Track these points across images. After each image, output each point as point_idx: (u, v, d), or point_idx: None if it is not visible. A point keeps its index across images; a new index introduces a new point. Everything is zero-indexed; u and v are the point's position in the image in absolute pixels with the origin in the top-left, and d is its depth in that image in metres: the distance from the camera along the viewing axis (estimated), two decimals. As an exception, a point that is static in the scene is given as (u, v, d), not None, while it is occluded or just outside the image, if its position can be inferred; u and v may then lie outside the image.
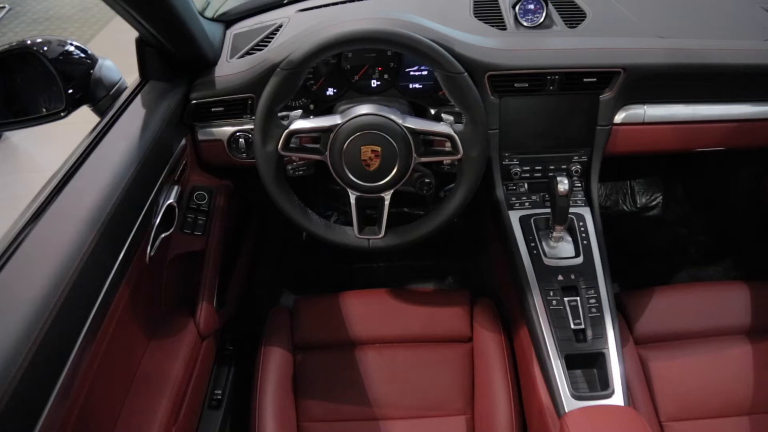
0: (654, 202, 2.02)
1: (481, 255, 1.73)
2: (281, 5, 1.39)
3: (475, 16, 1.26)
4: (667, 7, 1.36)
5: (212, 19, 1.32)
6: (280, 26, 1.29)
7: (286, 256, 1.89)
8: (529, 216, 1.22)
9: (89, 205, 0.84)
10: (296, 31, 1.20)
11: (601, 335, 1.09)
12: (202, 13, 1.30)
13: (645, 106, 1.22)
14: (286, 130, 1.03)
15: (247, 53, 1.23)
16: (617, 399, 1.04)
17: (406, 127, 1.02)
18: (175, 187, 1.10)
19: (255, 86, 1.14)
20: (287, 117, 1.08)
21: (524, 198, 1.25)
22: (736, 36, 1.27)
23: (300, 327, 1.29)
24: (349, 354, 1.26)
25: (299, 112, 1.10)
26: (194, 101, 1.17)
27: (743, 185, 1.77)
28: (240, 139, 1.20)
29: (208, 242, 1.25)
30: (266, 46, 1.23)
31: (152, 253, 1.00)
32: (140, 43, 1.10)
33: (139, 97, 1.11)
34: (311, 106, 1.25)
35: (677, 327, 1.26)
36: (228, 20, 1.36)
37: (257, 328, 1.31)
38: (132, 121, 1.05)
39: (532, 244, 1.18)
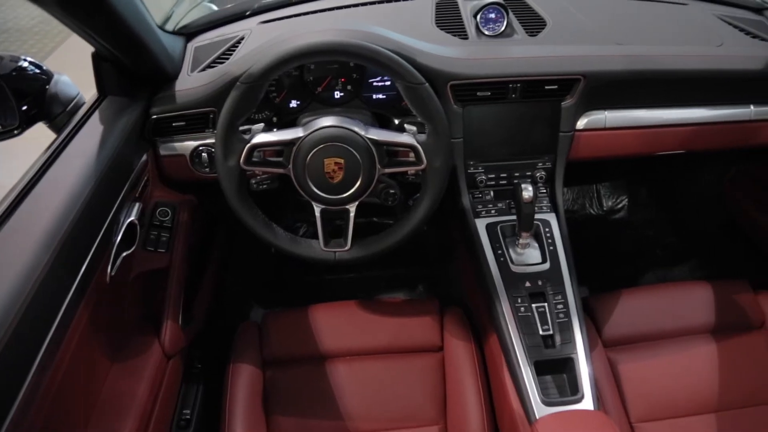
0: (620, 205, 2.05)
1: (450, 263, 1.73)
2: (243, 17, 1.38)
3: (437, 26, 1.26)
4: (625, 15, 1.39)
5: (172, 33, 1.30)
6: (242, 39, 1.27)
7: (254, 270, 1.87)
8: (496, 223, 1.22)
9: (44, 225, 0.82)
10: (258, 44, 1.18)
11: (569, 340, 1.10)
12: (162, 27, 1.28)
13: (606, 112, 1.23)
14: (248, 144, 1.02)
15: (209, 66, 1.22)
16: (587, 403, 1.04)
17: (369, 139, 1.01)
18: (137, 204, 1.08)
19: (216, 100, 1.12)
20: (249, 131, 1.07)
21: (490, 205, 1.25)
22: (691, 42, 1.30)
23: (269, 342, 1.27)
24: (319, 368, 1.24)
25: (261, 125, 1.08)
26: (154, 116, 1.15)
27: (705, 187, 1.82)
28: (203, 154, 1.19)
29: (172, 259, 1.23)
30: (228, 58, 1.22)
31: (113, 273, 0.98)
32: (96, 58, 1.08)
33: (96, 113, 1.09)
34: (274, 119, 1.24)
35: (644, 328, 1.27)
36: (189, 33, 1.34)
37: (226, 345, 1.28)
38: (89, 138, 1.02)
39: (499, 252, 1.19)
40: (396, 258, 1.84)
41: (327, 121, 1.02)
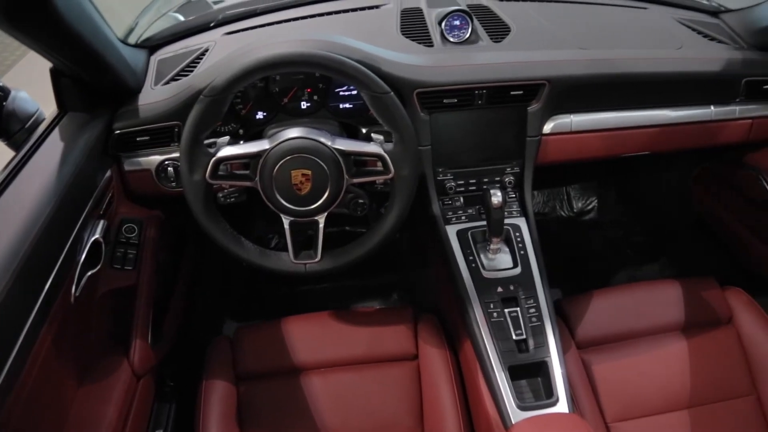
0: (590, 207, 2.08)
1: (423, 270, 1.73)
2: (207, 29, 1.36)
3: (403, 34, 1.27)
4: (588, 20, 1.41)
5: (135, 46, 1.28)
6: (207, 50, 1.26)
7: (227, 284, 1.84)
8: (466, 229, 1.23)
9: (2, 247, 0.80)
10: (222, 55, 1.17)
11: (542, 344, 1.10)
12: (124, 40, 1.26)
13: (572, 116, 1.25)
14: (213, 158, 1.00)
15: (172, 79, 1.20)
16: (561, 406, 1.05)
17: (336, 149, 1.01)
18: (101, 222, 1.06)
19: (181, 113, 1.10)
20: (214, 144, 1.05)
21: (460, 212, 1.26)
22: (652, 45, 1.33)
23: (242, 357, 1.25)
24: (293, 381, 1.23)
25: (227, 138, 1.07)
26: (118, 131, 1.13)
27: (671, 186, 1.85)
28: (168, 168, 1.17)
29: (140, 276, 1.20)
30: (192, 71, 1.20)
31: (77, 293, 0.95)
32: (55, 73, 1.06)
33: (57, 129, 1.06)
34: (241, 131, 1.23)
35: (616, 329, 1.29)
36: (152, 46, 1.32)
37: (198, 361, 1.26)
38: (49, 156, 1.00)
39: (470, 258, 1.19)
40: (369, 266, 1.83)
41: (293, 132, 1.02)
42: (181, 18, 1.53)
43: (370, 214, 1.27)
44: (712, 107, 1.30)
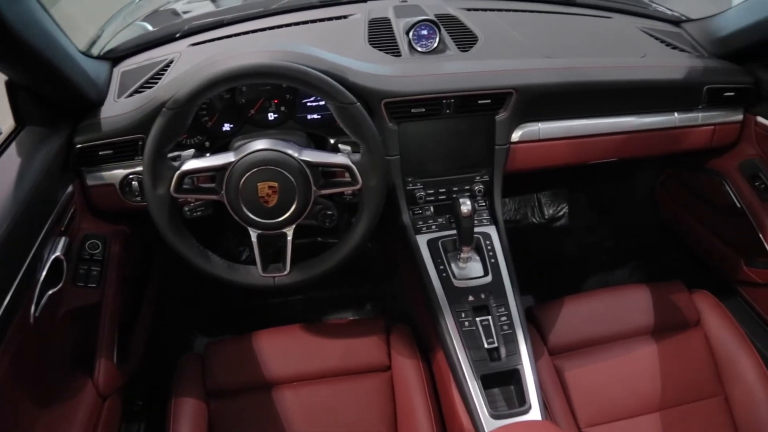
0: (561, 213, 2.10)
1: (396, 279, 1.73)
2: (173, 40, 1.35)
3: (370, 44, 1.27)
4: (554, 29, 1.43)
5: (97, 57, 1.26)
6: (171, 62, 1.24)
7: (197, 298, 1.81)
8: (437, 239, 1.23)
9: None
10: (188, 67, 1.16)
11: (514, 352, 1.11)
12: (86, 51, 1.23)
13: (539, 124, 1.26)
14: (178, 172, 0.99)
15: (136, 92, 1.18)
16: (534, 414, 1.05)
17: (303, 161, 1.00)
18: (63, 239, 1.03)
19: (145, 126, 1.08)
20: (179, 157, 1.04)
21: (431, 221, 1.26)
22: (617, 54, 1.35)
23: (212, 373, 1.23)
24: (265, 396, 1.21)
25: (192, 151, 1.05)
26: (79, 145, 1.10)
27: (639, 191, 1.88)
28: (133, 182, 1.14)
29: (105, 293, 1.17)
30: (156, 83, 1.18)
31: (37, 313, 0.92)
32: (11, 86, 1.02)
33: (14, 144, 1.03)
34: (207, 144, 1.21)
35: (588, 334, 1.29)
36: (115, 57, 1.30)
37: (169, 379, 1.23)
38: (6, 172, 0.96)
39: (441, 267, 1.19)
40: (342, 277, 1.82)
41: (259, 144, 1.00)
42: (149, 27, 1.51)
43: (341, 225, 1.26)
44: (675, 114, 1.33)
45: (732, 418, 1.20)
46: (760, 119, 1.33)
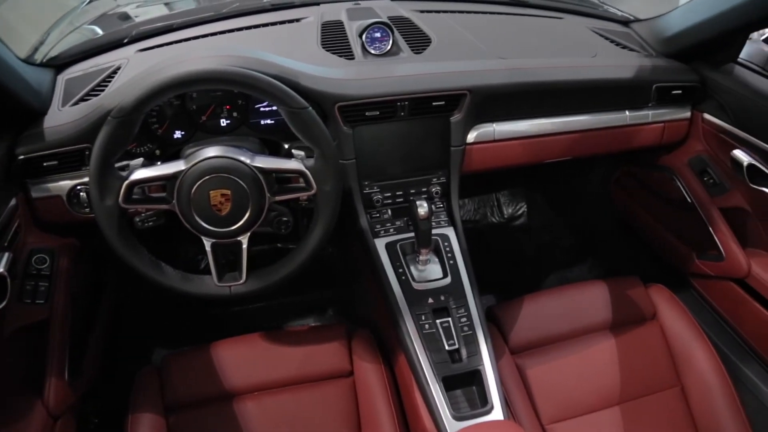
0: (519, 212, 2.12)
1: (357, 283, 1.72)
2: (120, 45, 1.31)
3: (323, 48, 1.25)
4: (507, 30, 1.44)
5: (39, 65, 1.21)
6: (119, 68, 1.20)
7: (154, 310, 1.76)
8: (395, 242, 1.22)
9: None
10: (135, 73, 1.12)
11: (475, 352, 1.11)
12: (27, 59, 1.18)
13: (494, 124, 1.27)
14: (126, 182, 0.95)
15: (81, 99, 1.14)
16: (497, 413, 1.05)
17: (256, 167, 0.98)
18: (6, 254, 0.98)
19: (91, 136, 1.04)
20: (127, 167, 1.00)
21: (388, 224, 1.25)
22: (568, 54, 1.37)
23: (170, 386, 1.19)
24: (227, 408, 1.18)
25: (140, 160, 1.02)
26: (22, 156, 1.05)
27: (594, 189, 1.91)
28: (81, 194, 1.10)
29: (53, 309, 1.13)
30: (102, 90, 1.14)
31: None
32: None
33: None
34: (157, 152, 1.18)
35: (548, 332, 1.31)
36: (59, 64, 1.25)
37: (125, 394, 1.19)
38: None
39: (400, 270, 1.18)
40: (303, 282, 1.80)
41: (210, 151, 0.98)
42: (100, 31, 1.46)
43: (301, 230, 1.25)
44: (626, 112, 1.36)
45: (689, 407, 1.23)
46: (706, 116, 1.36)
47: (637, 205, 1.75)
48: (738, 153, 1.27)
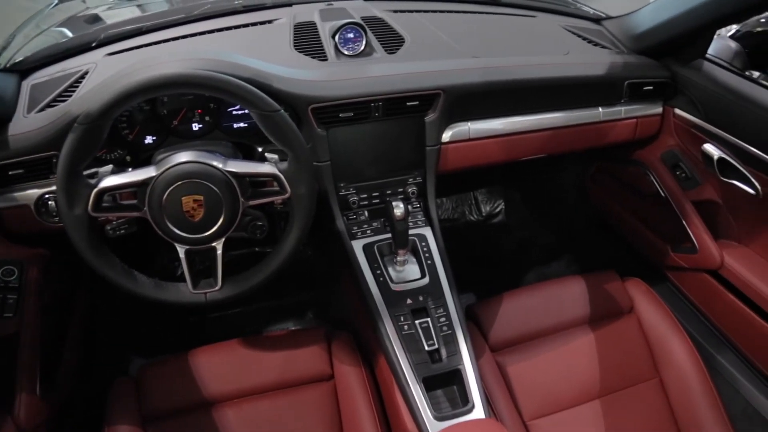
0: (497, 210, 2.13)
1: (336, 286, 1.71)
2: (88, 49, 1.28)
3: (296, 49, 1.24)
4: (480, 29, 1.45)
5: (3, 70, 1.18)
6: (86, 73, 1.18)
7: (130, 319, 1.73)
8: (372, 243, 1.22)
9: None
10: (103, 78, 1.10)
11: (455, 352, 1.11)
12: (-11, 64, 1.16)
13: (469, 123, 1.27)
14: (95, 190, 0.93)
15: (48, 106, 1.11)
16: (478, 412, 1.05)
17: (229, 172, 0.97)
18: None
19: (58, 143, 1.01)
20: (96, 174, 0.98)
21: (365, 226, 1.24)
22: (541, 52, 1.38)
23: (148, 396, 1.17)
24: (206, 416, 1.16)
25: (110, 167, 1.00)
26: None
27: (570, 186, 1.93)
28: (49, 202, 1.08)
29: (23, 322, 1.10)
30: (70, 96, 1.12)
31: None
32: None
33: None
34: (128, 158, 1.15)
35: (528, 328, 1.32)
36: (24, 69, 1.22)
37: (101, 407, 1.17)
38: None
39: (378, 272, 1.18)
40: (281, 286, 1.78)
41: (182, 156, 0.96)
42: (68, 33, 1.43)
43: (278, 234, 1.23)
44: (600, 109, 1.37)
45: (667, 398, 1.25)
46: (677, 111, 1.38)
47: (612, 200, 1.77)
48: (708, 147, 1.30)
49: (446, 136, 1.25)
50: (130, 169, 1.00)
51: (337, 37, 1.23)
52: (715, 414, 1.18)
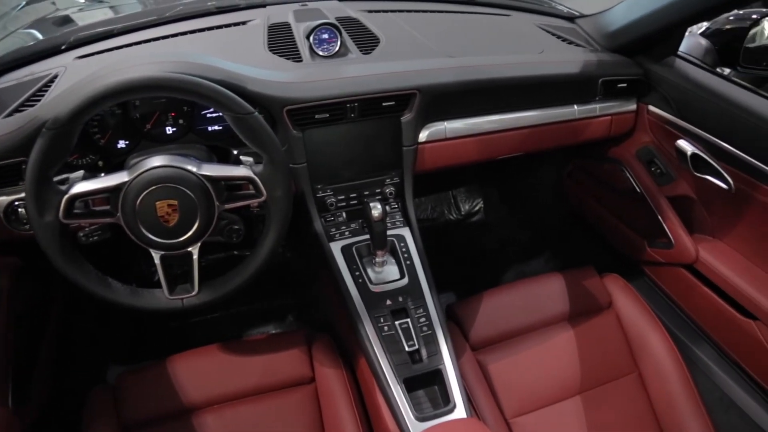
0: (476, 208, 2.14)
1: (316, 288, 1.70)
2: (58, 52, 1.25)
3: (270, 51, 1.23)
4: (455, 28, 1.45)
5: (-32, 75, 1.15)
6: (56, 77, 1.15)
7: (107, 326, 1.70)
8: (351, 245, 1.21)
9: None
10: (73, 82, 1.08)
11: (435, 352, 1.11)
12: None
13: (445, 123, 1.27)
14: (66, 196, 0.91)
15: (16, 111, 1.08)
16: (459, 412, 1.05)
17: (203, 175, 0.95)
18: None
19: (26, 148, 0.98)
20: (67, 180, 0.96)
21: (344, 228, 1.24)
22: (516, 51, 1.38)
23: (126, 405, 1.15)
24: (186, 423, 1.15)
25: (81, 173, 0.98)
26: None
27: (548, 182, 1.94)
28: (19, 210, 1.05)
29: None
30: (38, 101, 1.09)
31: None
32: None
33: None
34: (100, 163, 1.13)
35: (508, 326, 1.32)
36: (-10, 74, 1.20)
37: (79, 418, 1.15)
38: None
39: (357, 273, 1.17)
40: (261, 289, 1.77)
41: (155, 161, 0.95)
42: (38, 35, 1.40)
43: (257, 237, 1.22)
44: (575, 106, 1.37)
45: (646, 391, 1.27)
46: (651, 108, 1.40)
47: (589, 197, 1.78)
48: (682, 143, 1.31)
49: (423, 135, 1.25)
50: (102, 175, 0.98)
51: (311, 38, 1.22)
52: (693, 404, 1.20)
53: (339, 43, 1.23)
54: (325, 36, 1.23)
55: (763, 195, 1.17)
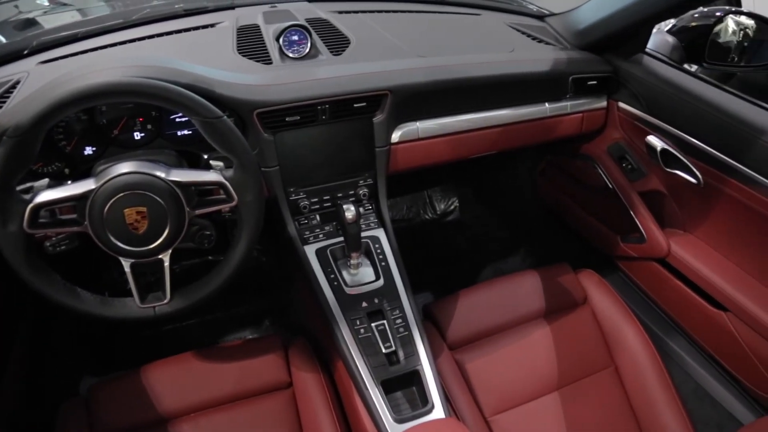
0: (451, 207, 2.15)
1: (291, 291, 1.69)
2: (20, 57, 1.22)
3: (239, 53, 1.22)
4: (426, 29, 1.45)
5: (-75, 82, 1.12)
6: (18, 83, 1.12)
7: (79, 337, 1.66)
8: (325, 247, 1.20)
9: None
10: (36, 88, 1.05)
11: (412, 353, 1.11)
12: None
13: (418, 123, 1.27)
14: (30, 205, 0.89)
15: None
16: (438, 412, 1.05)
17: (172, 181, 0.94)
18: None
19: None
20: (31, 189, 0.94)
21: (318, 230, 1.23)
22: (487, 50, 1.39)
23: (99, 417, 1.13)
24: None
25: (46, 181, 0.96)
26: None
27: (521, 181, 1.96)
28: None
29: None
30: (0, 108, 1.06)
31: None
32: None
33: None
34: (67, 170, 1.10)
35: (485, 325, 1.32)
36: (-51, 80, 1.16)
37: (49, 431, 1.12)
38: None
39: (332, 276, 1.17)
40: (236, 295, 1.75)
41: (123, 167, 0.93)
42: (0, 39, 1.36)
43: (232, 241, 1.21)
44: (546, 104, 1.38)
45: (622, 384, 1.28)
46: (621, 105, 1.42)
47: (562, 193, 1.80)
48: (652, 139, 1.33)
49: (395, 136, 1.25)
50: (69, 182, 0.96)
51: (281, 40, 1.21)
52: (668, 396, 1.22)
53: (309, 44, 1.22)
54: (295, 38, 1.22)
55: (730, 188, 1.19)
